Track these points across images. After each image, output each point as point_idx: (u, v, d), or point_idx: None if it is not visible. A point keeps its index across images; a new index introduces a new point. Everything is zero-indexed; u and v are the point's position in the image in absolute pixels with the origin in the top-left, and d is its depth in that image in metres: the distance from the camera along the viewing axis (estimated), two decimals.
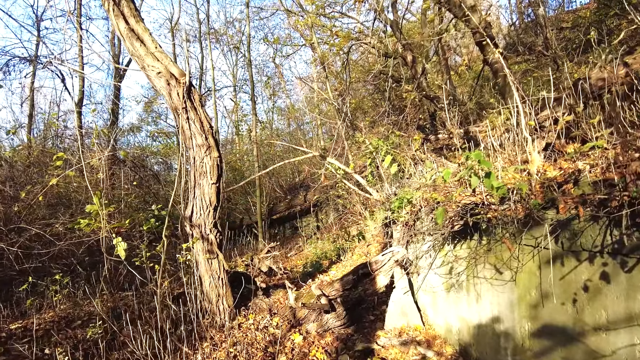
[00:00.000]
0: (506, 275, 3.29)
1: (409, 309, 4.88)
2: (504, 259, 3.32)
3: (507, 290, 3.28)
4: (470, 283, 3.89)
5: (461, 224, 3.72)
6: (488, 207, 3.42)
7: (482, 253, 3.63)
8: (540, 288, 2.84)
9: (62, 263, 5.70)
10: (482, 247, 3.64)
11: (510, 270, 3.22)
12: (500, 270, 3.37)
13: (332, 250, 8.50)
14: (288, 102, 18.58)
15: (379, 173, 8.23)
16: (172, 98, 4.80)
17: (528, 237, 2.97)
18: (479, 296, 3.75)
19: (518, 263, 3.12)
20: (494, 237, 3.45)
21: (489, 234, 3.51)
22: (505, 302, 3.30)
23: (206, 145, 4.79)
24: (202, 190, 4.79)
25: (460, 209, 3.71)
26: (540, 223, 2.81)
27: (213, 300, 4.84)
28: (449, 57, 15.46)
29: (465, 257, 3.93)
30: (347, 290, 4.85)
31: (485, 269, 3.60)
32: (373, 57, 13.34)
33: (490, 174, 2.46)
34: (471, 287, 3.87)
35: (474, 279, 3.82)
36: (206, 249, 4.78)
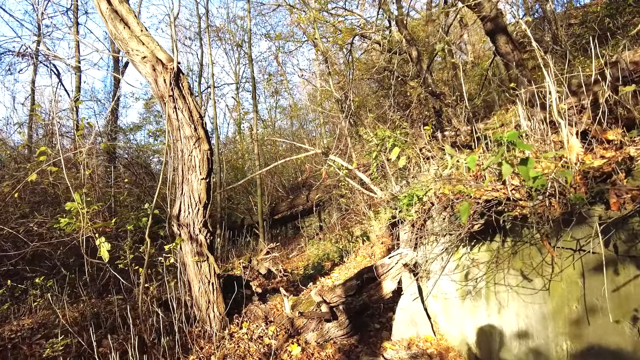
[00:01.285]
0: (536, 283, 2.75)
1: (419, 318, 4.34)
2: (534, 264, 2.78)
3: (538, 301, 2.74)
4: (490, 290, 3.35)
5: (481, 223, 3.19)
6: (514, 203, 2.89)
7: (506, 256, 3.10)
8: (584, 301, 2.30)
9: (45, 265, 5.22)
10: (506, 249, 3.10)
11: (542, 277, 2.69)
12: (529, 277, 2.83)
13: (335, 252, 7.97)
14: (290, 100, 18.09)
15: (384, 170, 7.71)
16: (159, 85, 4.30)
17: (567, 239, 2.44)
18: (501, 306, 3.21)
19: (552, 269, 2.59)
20: (521, 238, 2.92)
21: (514, 234, 2.98)
22: (536, 314, 2.76)
23: (195, 136, 4.29)
24: (190, 187, 4.28)
25: (480, 205, 3.17)
26: (584, 222, 2.27)
27: (202, 307, 4.33)
28: (455, 54, 14.92)
29: (485, 261, 3.40)
30: (350, 296, 4.33)
31: (510, 274, 3.06)
32: (377, 54, 12.81)
33: (527, 160, 1.93)
34: (492, 295, 3.33)
35: (495, 286, 3.28)
36: (195, 250, 4.27)
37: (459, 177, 3.57)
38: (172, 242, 4.48)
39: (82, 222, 4.27)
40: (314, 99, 15.14)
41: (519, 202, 2.86)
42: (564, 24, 12.93)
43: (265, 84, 16.41)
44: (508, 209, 2.96)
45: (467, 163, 2.12)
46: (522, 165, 1.96)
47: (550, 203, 2.54)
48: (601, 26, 9.92)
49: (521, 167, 1.96)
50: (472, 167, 2.13)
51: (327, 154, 7.67)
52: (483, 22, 7.22)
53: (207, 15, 11.11)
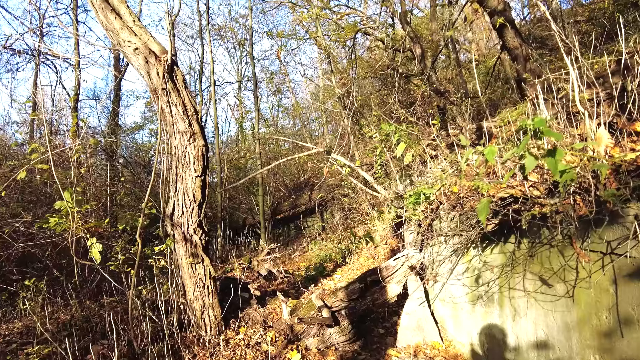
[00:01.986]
0: (558, 289, 2.48)
1: (426, 323, 4.07)
2: (555, 268, 2.51)
3: (560, 309, 2.47)
4: (504, 296, 3.08)
5: (495, 223, 2.91)
6: (533, 201, 2.61)
7: (522, 259, 2.82)
8: (616, 310, 2.02)
9: (37, 266, 4.98)
10: (522, 252, 2.82)
11: (565, 283, 2.41)
12: (549, 282, 2.55)
13: (337, 252, 7.70)
14: (293, 99, 17.81)
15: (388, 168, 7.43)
16: (151, 78, 4.05)
17: (595, 241, 2.16)
18: (516, 313, 2.94)
19: (577, 274, 2.31)
20: (540, 240, 2.64)
21: (532, 235, 2.70)
22: (558, 323, 2.48)
23: (190, 132, 4.03)
24: (184, 185, 4.02)
25: (494, 204, 2.89)
26: (617, 221, 2.00)
27: (197, 311, 4.07)
28: (460, 51, 14.62)
29: (498, 264, 3.12)
30: (352, 300, 4.06)
31: (526, 279, 2.79)
32: (380, 52, 12.53)
33: (555, 151, 1.65)
34: (506, 300, 3.05)
35: (509, 291, 3.00)
36: (189, 252, 4.01)
37: (469, 173, 3.30)
38: (167, 243, 4.23)
39: (71, 222, 4.03)
40: (317, 97, 14.88)
41: (538, 200, 2.58)
42: (570, 22, 12.61)
43: (267, 82, 16.17)
44: (525, 207, 2.68)
45: (485, 155, 1.84)
46: (550, 157, 1.68)
47: (574, 201, 2.26)
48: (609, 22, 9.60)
49: (548, 160, 1.68)
50: (490, 160, 1.85)
51: (329, 152, 7.41)
52: (490, 16, 6.94)
53: (207, 12, 10.86)
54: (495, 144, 3.80)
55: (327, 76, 14.41)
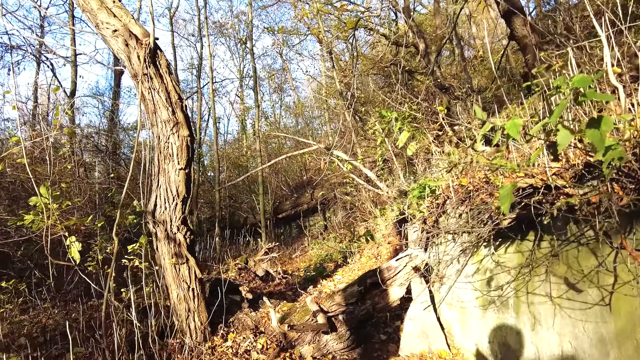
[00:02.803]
0: (590, 296, 2.06)
1: (431, 329, 3.65)
2: (584, 270, 2.09)
3: (592, 319, 2.05)
4: (521, 301, 2.66)
5: (512, 217, 2.49)
6: (558, 192, 2.20)
7: (543, 259, 2.40)
8: None
9: (16, 267, 4.63)
10: (544, 250, 2.41)
11: (599, 288, 1.99)
12: (578, 286, 2.14)
13: (338, 252, 7.30)
14: (295, 97, 17.43)
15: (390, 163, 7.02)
16: (132, 62, 3.68)
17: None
18: (536, 321, 2.52)
19: (615, 278, 1.89)
20: (566, 237, 2.23)
21: (556, 231, 2.29)
22: (590, 336, 2.06)
23: (173, 120, 3.65)
24: (167, 178, 3.64)
25: None
26: None
27: (182, 316, 3.68)
28: (464, 46, 14.17)
29: (514, 264, 2.71)
30: (351, 304, 3.65)
31: (549, 282, 2.37)
32: (383, 48, 12.11)
33: (601, 120, 1.24)
34: (523, 306, 2.64)
35: (527, 295, 2.59)
36: (173, 251, 3.63)
37: (480, 162, 2.89)
38: (153, 242, 3.86)
39: (45, 219, 3.66)
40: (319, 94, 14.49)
41: (564, 190, 2.17)
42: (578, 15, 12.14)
43: (269, 80, 15.80)
44: (547, 199, 2.27)
45: (507, 129, 1.43)
46: (593, 129, 1.27)
47: (612, 189, 1.84)
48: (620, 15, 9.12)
49: (591, 132, 1.27)
50: (514, 134, 1.45)
51: (329, 148, 7.02)
52: (497, 4, 6.53)
53: (205, 7, 10.52)
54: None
55: (328, 73, 14.02)
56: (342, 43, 13.45)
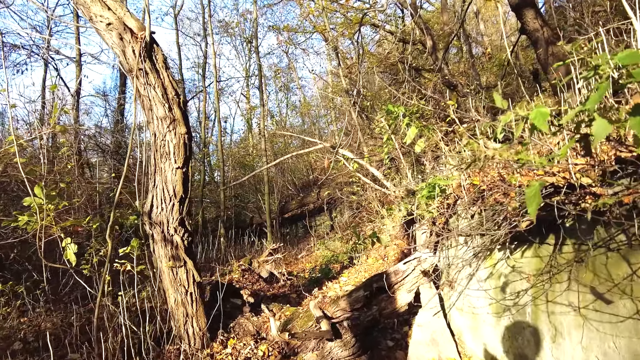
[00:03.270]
0: (622, 307, 1.83)
1: (441, 336, 3.43)
2: (615, 279, 1.86)
3: (624, 334, 1.82)
4: (540, 309, 2.43)
5: (527, 220, 2.27)
6: (583, 191, 1.97)
7: (565, 266, 2.18)
8: None
9: (14, 269, 4.50)
10: (566, 255, 2.18)
11: (633, 300, 1.76)
12: (607, 297, 1.91)
13: (344, 253, 7.09)
14: (301, 96, 17.22)
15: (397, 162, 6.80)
16: (127, 57, 3.51)
17: None
18: (557, 332, 2.29)
19: None
20: (592, 241, 2.00)
21: (583, 235, 2.06)
22: (622, 353, 1.84)
23: (170, 117, 3.47)
24: (164, 177, 3.46)
25: (522, 195, 2.26)
26: None
27: (179, 321, 3.50)
28: (472, 44, 13.88)
29: (531, 270, 2.48)
30: (356, 310, 3.44)
31: (572, 291, 2.14)
32: (389, 45, 11.88)
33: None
34: (542, 315, 2.41)
35: (547, 304, 2.36)
36: (170, 254, 3.44)
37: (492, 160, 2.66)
38: (149, 244, 3.69)
39: (38, 220, 3.50)
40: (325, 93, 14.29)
41: (590, 189, 1.94)
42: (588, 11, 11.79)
43: (274, 78, 15.59)
44: (571, 199, 2.04)
45: (532, 119, 1.22)
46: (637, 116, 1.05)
47: None
48: None
49: (636, 120, 1.05)
50: (541, 125, 1.23)
51: (335, 147, 6.82)
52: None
53: (209, 5, 10.34)
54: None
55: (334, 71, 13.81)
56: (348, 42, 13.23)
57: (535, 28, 6.11)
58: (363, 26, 10.21)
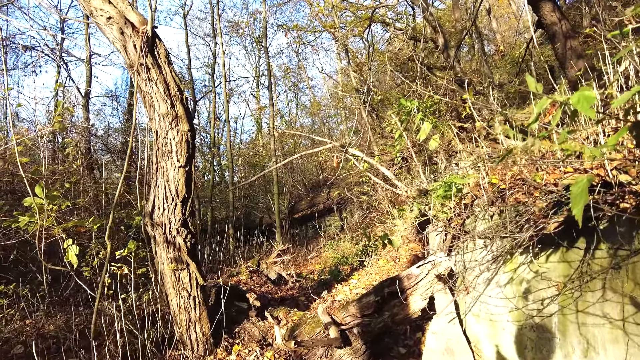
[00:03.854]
0: None
1: (457, 345, 3.21)
2: None
3: None
4: (568, 320, 2.20)
5: (559, 220, 2.04)
6: (621, 190, 1.74)
7: (600, 272, 1.95)
8: None
9: (18, 270, 4.39)
10: (600, 261, 1.95)
11: None
12: None
13: (354, 255, 6.88)
14: (311, 96, 17.03)
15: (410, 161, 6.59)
16: (128, 52, 3.35)
17: None
18: (589, 346, 2.06)
19: None
20: (631, 246, 1.77)
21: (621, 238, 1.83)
22: None
23: (172, 114, 3.31)
24: (165, 177, 3.30)
25: (555, 195, 2.04)
26: None
27: (182, 326, 3.33)
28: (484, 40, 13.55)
29: (558, 275, 2.25)
30: (367, 316, 3.24)
31: (608, 301, 1.91)
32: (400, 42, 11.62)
33: None
34: (571, 327, 2.18)
35: (577, 314, 2.13)
36: (172, 256, 3.28)
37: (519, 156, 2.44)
38: (150, 246, 3.53)
39: (39, 220, 3.37)
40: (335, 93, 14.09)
41: (630, 187, 1.71)
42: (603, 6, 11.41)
43: (284, 78, 15.42)
44: (606, 198, 1.82)
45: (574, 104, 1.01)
46: None
47: None
48: None
49: None
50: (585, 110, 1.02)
51: (344, 146, 6.62)
52: None
53: (218, 4, 10.23)
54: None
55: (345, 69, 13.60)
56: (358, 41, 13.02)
57: (552, 21, 5.83)
58: (373, 23, 9.97)
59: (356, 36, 12.20)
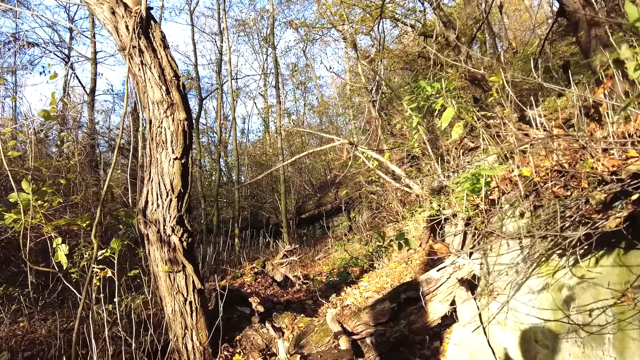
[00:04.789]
0: None
1: (481, 356, 2.83)
2: None
3: None
4: (628, 336, 1.82)
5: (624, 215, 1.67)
6: None
7: None
8: None
9: (10, 270, 4.10)
10: None
11: None
12: None
13: (364, 255, 6.51)
14: (319, 95, 16.68)
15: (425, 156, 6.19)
16: (120, 33, 3.04)
17: None
18: None
19: None
20: None
21: None
22: None
23: (167, 101, 2.98)
24: (159, 169, 2.97)
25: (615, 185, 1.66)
26: None
27: (177, 333, 3.00)
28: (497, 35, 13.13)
29: (614, 283, 1.87)
30: (381, 324, 2.87)
31: None
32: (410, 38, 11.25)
33: None
34: (632, 344, 1.80)
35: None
36: (166, 257, 2.95)
37: None
38: (144, 245, 3.21)
39: (22, 217, 3.06)
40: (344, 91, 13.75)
41: None
42: None
43: (291, 76, 15.09)
44: None
45: None
46: None
47: None
48: None
49: None
50: None
51: (353, 143, 6.27)
52: None
53: None
54: None
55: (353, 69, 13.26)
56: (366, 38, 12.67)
57: (576, 8, 5.42)
58: (382, 19, 9.61)
59: (364, 34, 11.87)
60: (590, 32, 5.49)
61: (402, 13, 11.05)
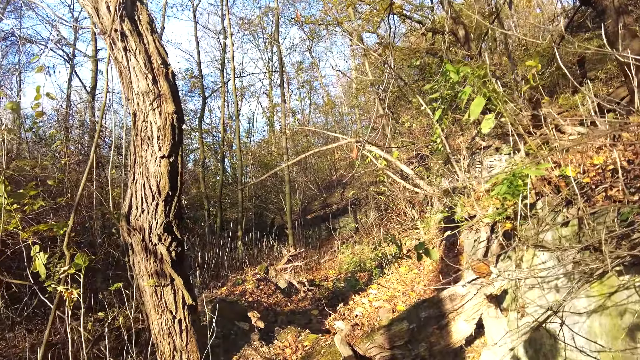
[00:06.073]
0: None
1: None
2: None
3: None
4: None
5: None
6: None
7: None
8: None
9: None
10: None
11: None
12: None
13: (372, 260, 6.08)
14: (324, 94, 16.27)
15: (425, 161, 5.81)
16: (100, 15, 2.65)
17: None
18: None
19: None
20: None
21: None
22: None
23: (154, 92, 2.58)
24: (144, 170, 2.57)
25: None
26: None
27: (165, 355, 2.60)
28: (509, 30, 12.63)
29: None
30: (398, 347, 2.45)
31: None
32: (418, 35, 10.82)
33: None
34: None
35: None
36: (152, 269, 2.55)
37: None
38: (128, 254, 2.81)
39: None
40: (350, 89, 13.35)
41: None
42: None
43: (297, 75, 14.72)
44: None
45: None
46: None
47: None
48: None
49: None
50: None
51: (360, 141, 5.86)
52: None
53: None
54: None
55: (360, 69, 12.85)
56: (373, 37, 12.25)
57: None
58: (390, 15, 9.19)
59: (371, 32, 11.48)
60: (618, 21, 5.04)
61: (410, 9, 10.63)
